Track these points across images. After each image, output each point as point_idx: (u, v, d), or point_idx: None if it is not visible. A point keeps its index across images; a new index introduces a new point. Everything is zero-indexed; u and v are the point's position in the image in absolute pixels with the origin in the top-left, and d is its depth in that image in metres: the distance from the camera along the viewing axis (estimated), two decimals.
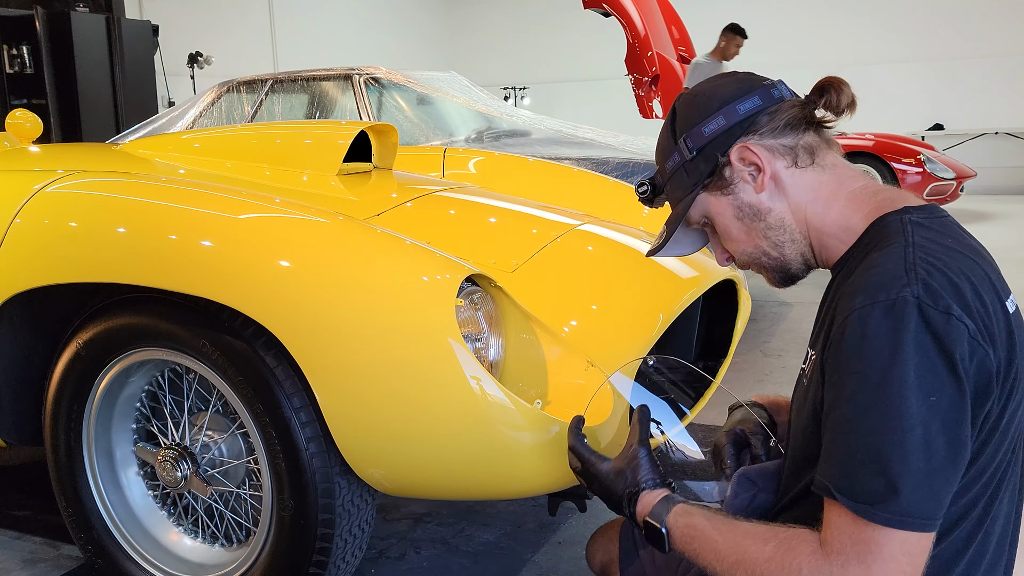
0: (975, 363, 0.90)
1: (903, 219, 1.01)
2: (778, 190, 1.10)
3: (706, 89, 1.15)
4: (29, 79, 6.78)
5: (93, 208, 1.67)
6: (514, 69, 12.76)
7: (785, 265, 1.13)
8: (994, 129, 10.14)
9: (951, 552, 1.00)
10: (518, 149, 4.16)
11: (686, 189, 1.15)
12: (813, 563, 0.92)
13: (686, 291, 1.89)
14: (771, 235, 1.11)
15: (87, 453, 1.79)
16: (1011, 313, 0.97)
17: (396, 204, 2.02)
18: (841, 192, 1.08)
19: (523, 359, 1.55)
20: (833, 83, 1.10)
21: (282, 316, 1.44)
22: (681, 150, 1.14)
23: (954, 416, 0.89)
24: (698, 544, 1.03)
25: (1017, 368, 0.96)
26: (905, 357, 0.89)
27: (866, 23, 10.79)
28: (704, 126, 1.11)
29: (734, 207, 1.12)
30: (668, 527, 1.07)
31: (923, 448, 0.88)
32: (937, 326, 0.89)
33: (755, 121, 1.09)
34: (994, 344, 0.92)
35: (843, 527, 0.91)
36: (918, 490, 0.88)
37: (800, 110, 1.10)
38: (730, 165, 1.10)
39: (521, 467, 1.42)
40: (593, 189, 2.61)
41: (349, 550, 1.65)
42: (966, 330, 0.90)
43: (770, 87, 1.11)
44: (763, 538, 0.97)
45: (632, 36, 6.61)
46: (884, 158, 7.68)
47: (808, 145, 1.09)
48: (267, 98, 4.67)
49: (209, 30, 9.01)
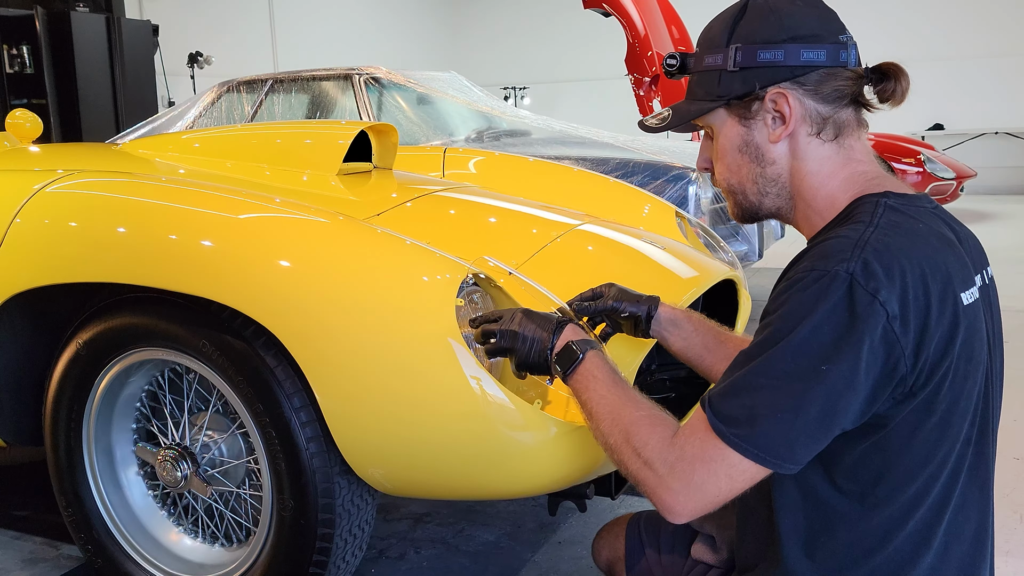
0: (884, 349, 0.92)
1: (879, 201, 1.03)
2: (790, 149, 1.09)
3: (786, 10, 1.06)
4: (29, 79, 6.78)
5: (93, 208, 1.67)
6: (514, 69, 12.76)
7: (756, 209, 1.15)
8: (994, 129, 10.14)
9: (910, 546, 1.01)
10: (518, 149, 4.16)
11: (711, 95, 1.11)
12: (659, 444, 1.01)
13: (686, 291, 1.89)
14: (760, 183, 1.11)
15: (87, 453, 1.79)
16: (965, 305, 0.98)
17: (396, 204, 2.02)
18: (842, 173, 1.08)
19: None
20: (896, 71, 1.07)
21: (282, 316, 1.44)
22: (728, 55, 1.08)
23: (839, 390, 0.93)
24: (594, 386, 1.12)
25: (954, 359, 0.96)
26: (816, 323, 0.93)
27: (866, 23, 10.78)
28: (762, 50, 1.06)
29: (743, 140, 1.11)
30: (584, 358, 1.15)
31: (795, 404, 0.93)
32: (858, 305, 0.92)
33: (809, 74, 1.05)
34: (922, 333, 0.94)
35: (696, 432, 0.99)
36: (774, 431, 0.94)
37: (853, 84, 1.06)
38: (761, 101, 1.07)
39: (521, 467, 1.42)
40: (593, 189, 2.61)
41: (349, 550, 1.65)
42: (885, 315, 0.92)
43: (841, 47, 1.05)
44: (642, 406, 1.07)
45: (632, 36, 6.60)
46: (884, 158, 7.67)
47: (840, 121, 1.07)
48: (267, 98, 4.67)
49: (209, 30, 9.01)
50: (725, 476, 0.97)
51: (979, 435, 1.04)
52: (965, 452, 1.02)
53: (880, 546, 1.01)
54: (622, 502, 2.29)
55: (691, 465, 0.98)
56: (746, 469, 0.96)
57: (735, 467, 0.96)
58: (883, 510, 1.01)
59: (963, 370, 0.98)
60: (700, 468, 0.97)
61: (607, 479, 1.62)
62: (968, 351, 0.98)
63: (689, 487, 0.98)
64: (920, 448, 0.98)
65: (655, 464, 1.00)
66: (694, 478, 0.98)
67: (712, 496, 0.98)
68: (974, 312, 0.99)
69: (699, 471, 0.97)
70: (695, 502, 0.99)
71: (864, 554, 1.02)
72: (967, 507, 1.04)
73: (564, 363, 1.18)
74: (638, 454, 1.03)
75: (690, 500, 0.98)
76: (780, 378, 0.94)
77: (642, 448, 1.02)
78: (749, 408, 0.95)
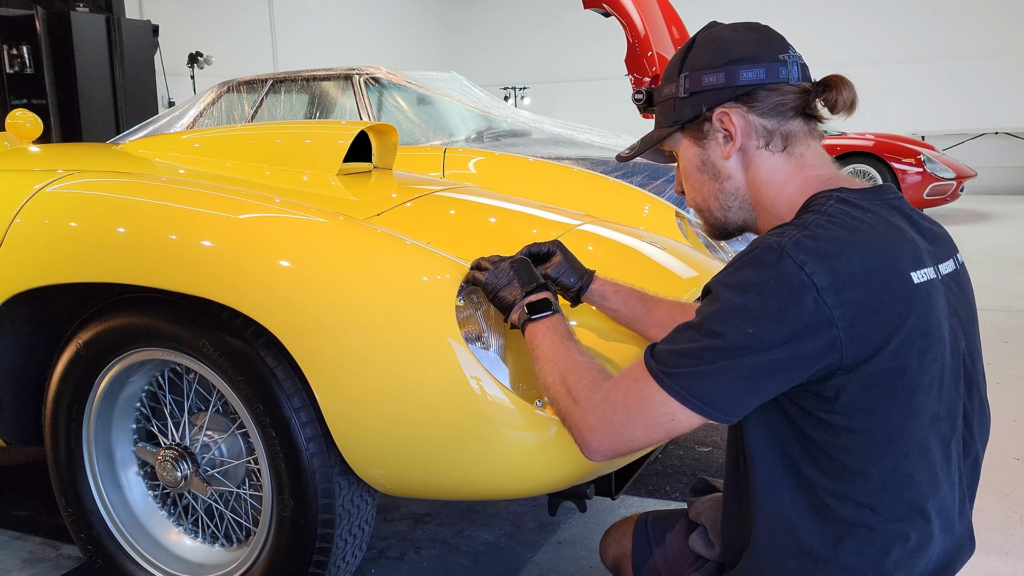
0: (815, 317, 0.97)
1: (831, 194, 1.08)
2: (742, 163, 1.16)
3: (726, 37, 1.17)
4: (29, 79, 6.78)
5: (93, 208, 1.67)
6: (514, 69, 12.76)
7: (724, 225, 1.22)
8: (994, 129, 10.15)
9: (890, 527, 1.04)
10: (518, 149, 4.16)
11: (668, 121, 1.22)
12: (589, 384, 1.12)
13: (686, 291, 1.89)
14: (722, 198, 1.19)
15: (87, 453, 1.79)
16: (916, 284, 1.02)
17: (396, 204, 2.02)
18: (796, 179, 1.14)
19: (523, 359, 1.55)
20: (837, 82, 1.13)
21: (282, 316, 1.44)
22: (679, 84, 1.19)
23: (763, 352, 0.98)
24: (551, 336, 1.24)
25: (908, 333, 1.00)
26: (747, 288, 1.00)
27: (866, 23, 10.79)
28: (705, 75, 1.15)
29: (700, 159, 1.19)
30: (554, 315, 1.28)
31: (720, 362, 1.00)
32: (787, 275, 0.97)
33: (751, 92, 1.13)
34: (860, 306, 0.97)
35: (627, 377, 1.08)
36: (701, 382, 1.01)
37: (796, 97, 1.13)
38: (710, 122, 1.16)
39: (521, 467, 1.42)
40: (593, 189, 2.61)
41: (349, 550, 1.65)
42: (813, 288, 0.96)
43: (781, 64, 1.13)
44: (586, 356, 1.19)
45: (632, 36, 6.60)
46: (884, 158, 7.68)
47: (787, 132, 1.14)
48: (267, 98, 4.68)
49: (209, 30, 9.01)
50: (642, 421, 1.05)
51: (949, 413, 1.06)
52: (936, 429, 1.05)
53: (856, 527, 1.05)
54: (622, 502, 2.29)
55: (613, 407, 1.07)
56: (666, 413, 1.03)
57: (657, 409, 1.03)
58: (858, 486, 1.04)
59: (919, 345, 1.01)
60: (621, 411, 1.06)
61: (607, 479, 1.62)
62: (924, 327, 1.01)
63: (607, 426, 1.07)
64: (885, 423, 1.02)
65: (581, 401, 1.11)
66: (613, 419, 1.07)
67: (627, 439, 1.07)
68: (927, 291, 1.03)
69: (619, 413, 1.06)
70: (610, 441, 1.08)
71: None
72: (938, 487, 1.06)
73: (535, 310, 1.29)
74: (569, 391, 1.13)
75: (605, 438, 1.08)
76: (711, 335, 1.01)
77: (573, 386, 1.13)
78: (683, 357, 1.02)
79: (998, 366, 3.49)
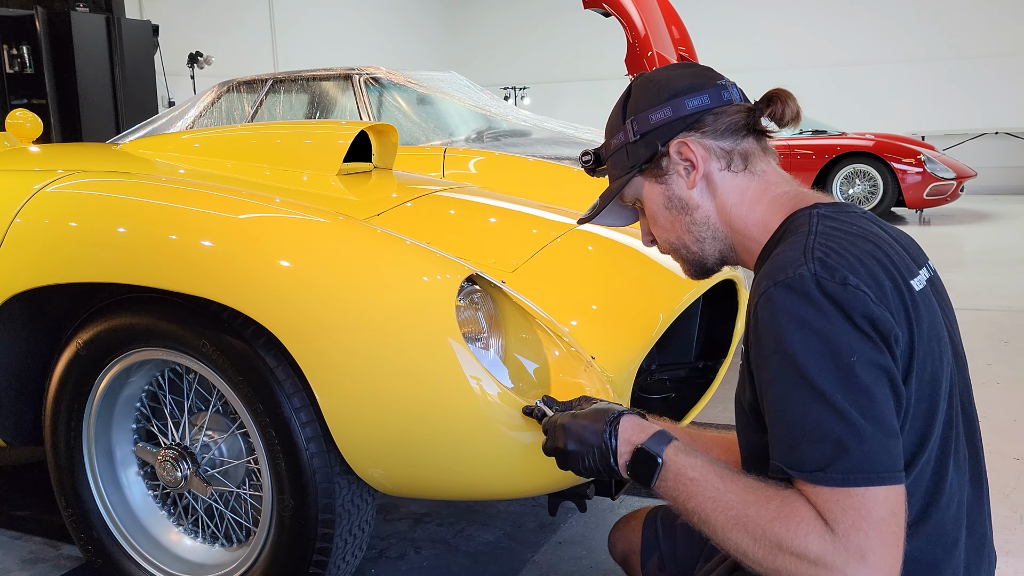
0: (884, 325, 0.94)
1: (811, 212, 1.07)
2: (708, 189, 1.15)
3: (662, 77, 1.18)
4: (29, 79, 6.78)
5: (93, 208, 1.67)
6: (514, 69, 12.76)
7: (702, 260, 1.19)
8: (994, 129, 10.15)
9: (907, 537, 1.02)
10: (518, 149, 4.16)
11: (624, 169, 1.20)
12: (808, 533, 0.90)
13: (686, 291, 1.89)
14: (694, 230, 1.17)
15: (87, 453, 1.79)
16: (918, 291, 1.02)
17: (396, 204, 2.02)
18: (765, 197, 1.14)
19: (523, 359, 1.55)
20: (781, 95, 1.14)
21: (282, 316, 1.44)
22: (627, 131, 1.18)
23: (878, 370, 0.93)
24: (697, 487, 0.99)
25: (924, 339, 0.99)
26: (814, 327, 0.93)
27: (866, 23, 10.79)
28: (652, 113, 1.15)
29: (665, 196, 1.18)
30: (665, 459, 1.03)
31: (854, 406, 0.91)
32: (836, 295, 0.94)
33: (700, 119, 1.13)
34: (894, 314, 0.96)
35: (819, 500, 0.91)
36: (865, 444, 0.90)
37: (744, 116, 1.14)
38: (668, 156, 1.15)
39: (521, 467, 1.42)
40: (593, 189, 2.61)
41: (349, 550, 1.65)
42: (867, 296, 0.94)
43: (721, 88, 1.15)
44: (765, 496, 0.95)
45: (632, 36, 6.59)
46: (884, 158, 7.68)
47: (744, 151, 1.14)
48: (267, 98, 4.68)
49: (209, 30, 9.01)
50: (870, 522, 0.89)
51: (951, 418, 1.06)
52: (948, 435, 1.05)
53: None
54: (622, 502, 2.29)
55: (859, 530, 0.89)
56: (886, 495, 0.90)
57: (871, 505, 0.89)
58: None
59: (937, 350, 1.01)
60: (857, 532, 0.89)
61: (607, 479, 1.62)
62: (935, 331, 1.02)
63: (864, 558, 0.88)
64: (913, 431, 1.00)
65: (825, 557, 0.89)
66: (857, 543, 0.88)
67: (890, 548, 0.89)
68: (926, 297, 1.03)
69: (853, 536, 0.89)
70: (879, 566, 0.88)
71: None
72: (956, 496, 1.05)
73: (644, 473, 1.05)
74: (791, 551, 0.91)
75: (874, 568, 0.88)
76: (824, 395, 0.91)
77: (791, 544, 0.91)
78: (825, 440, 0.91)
79: (998, 366, 3.48)
